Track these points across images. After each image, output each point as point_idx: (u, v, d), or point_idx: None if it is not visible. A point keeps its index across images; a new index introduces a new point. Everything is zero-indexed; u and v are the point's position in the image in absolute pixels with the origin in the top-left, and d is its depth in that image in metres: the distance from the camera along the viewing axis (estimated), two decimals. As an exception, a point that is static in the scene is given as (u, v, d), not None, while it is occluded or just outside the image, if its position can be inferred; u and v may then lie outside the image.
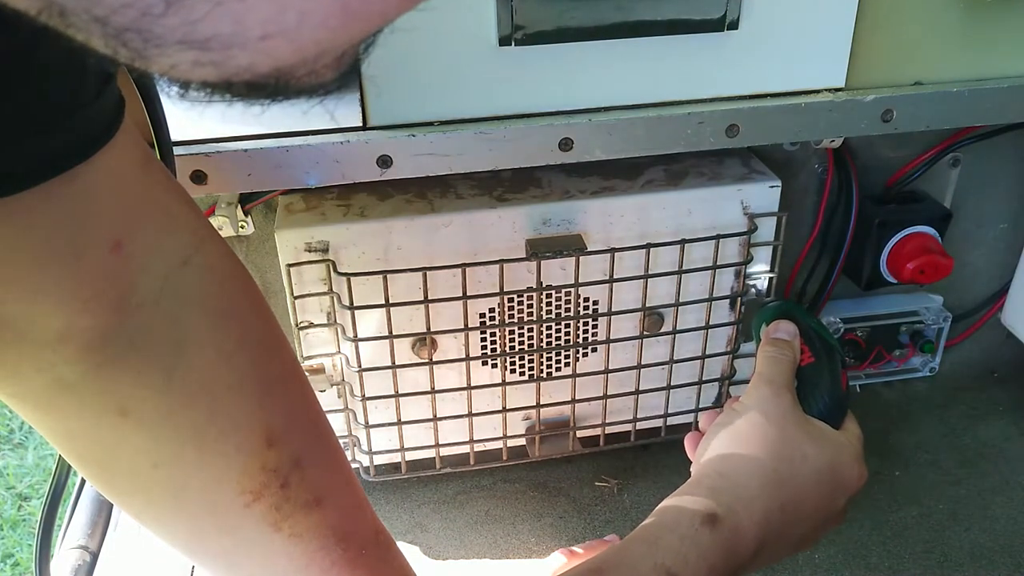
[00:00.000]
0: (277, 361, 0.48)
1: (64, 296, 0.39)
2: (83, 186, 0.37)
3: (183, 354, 0.44)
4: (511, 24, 0.57)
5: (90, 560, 0.72)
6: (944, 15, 0.63)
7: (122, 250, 0.40)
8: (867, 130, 0.65)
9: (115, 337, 0.42)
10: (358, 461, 0.78)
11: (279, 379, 0.48)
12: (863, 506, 0.77)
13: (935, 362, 0.90)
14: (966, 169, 0.83)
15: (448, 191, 0.71)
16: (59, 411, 0.43)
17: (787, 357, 0.58)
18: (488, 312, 0.72)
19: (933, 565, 0.72)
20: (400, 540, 0.75)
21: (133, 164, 0.41)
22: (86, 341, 0.41)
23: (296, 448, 0.47)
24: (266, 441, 0.46)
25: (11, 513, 1.68)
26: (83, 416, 0.43)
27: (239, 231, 0.73)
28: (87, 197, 0.38)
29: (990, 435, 0.86)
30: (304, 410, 0.49)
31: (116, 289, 0.41)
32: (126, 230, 0.40)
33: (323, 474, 0.49)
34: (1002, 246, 0.88)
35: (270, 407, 0.47)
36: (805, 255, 0.84)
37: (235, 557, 0.49)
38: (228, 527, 0.47)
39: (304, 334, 0.71)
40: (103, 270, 0.40)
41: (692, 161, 0.74)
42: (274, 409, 0.47)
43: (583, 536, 0.75)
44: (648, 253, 0.70)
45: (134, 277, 0.41)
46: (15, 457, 1.79)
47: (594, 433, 0.80)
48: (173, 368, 0.43)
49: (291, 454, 0.47)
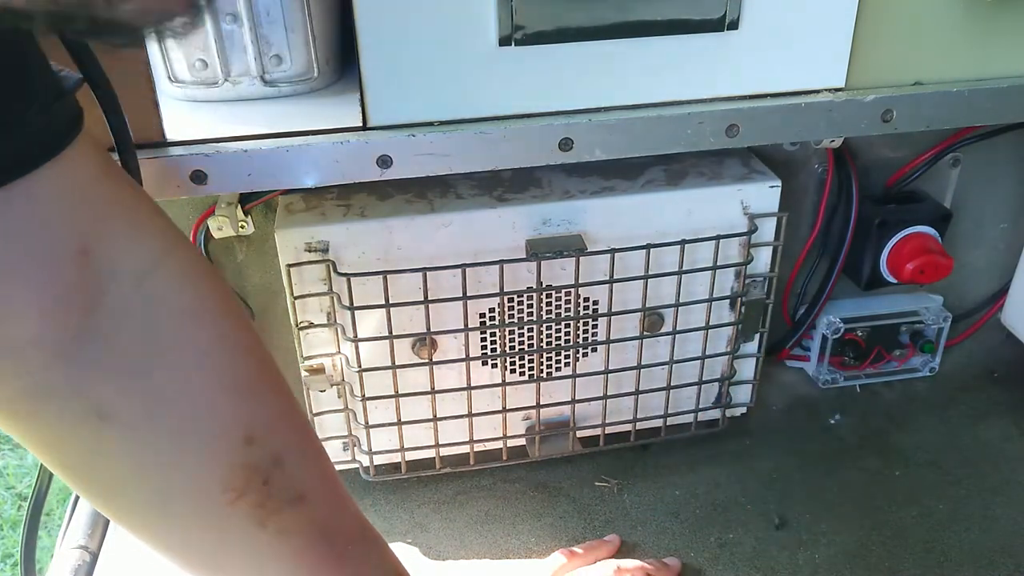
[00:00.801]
0: (253, 360, 0.49)
1: (32, 303, 0.40)
2: (41, 195, 0.38)
3: (159, 355, 0.44)
4: (511, 24, 0.57)
5: (90, 560, 0.72)
6: (944, 15, 0.63)
7: (89, 256, 0.41)
8: (867, 130, 0.65)
9: (89, 341, 0.42)
10: (358, 461, 0.78)
11: (256, 378, 0.49)
12: (863, 506, 0.78)
13: (935, 362, 0.90)
14: (966, 169, 0.83)
15: (448, 191, 0.71)
16: (37, 418, 0.43)
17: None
18: (488, 312, 0.72)
19: (933, 565, 0.72)
20: (400, 540, 0.75)
21: (94, 173, 0.42)
22: (60, 346, 0.41)
23: (276, 445, 0.48)
24: (245, 438, 0.47)
25: (11, 513, 1.68)
26: (62, 421, 0.43)
27: (239, 231, 0.73)
28: (46, 206, 0.39)
29: (990, 435, 0.86)
30: (282, 408, 0.50)
31: (86, 294, 0.41)
32: (92, 237, 0.41)
33: (304, 470, 0.49)
34: (1002, 246, 0.88)
35: (248, 405, 0.47)
36: (805, 255, 0.84)
37: (223, 558, 0.49)
38: (214, 526, 0.48)
39: (304, 334, 0.71)
40: (71, 277, 0.40)
41: (692, 161, 0.75)
42: (252, 407, 0.48)
43: (583, 536, 0.75)
44: (648, 253, 0.70)
45: (104, 283, 0.42)
46: (15, 457, 1.80)
47: (594, 433, 0.80)
48: (150, 369, 0.44)
49: (271, 451, 0.48)
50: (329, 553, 0.50)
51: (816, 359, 0.88)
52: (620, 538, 0.74)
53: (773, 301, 0.78)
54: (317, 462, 0.51)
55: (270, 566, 0.49)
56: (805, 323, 0.86)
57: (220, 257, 0.73)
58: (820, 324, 0.86)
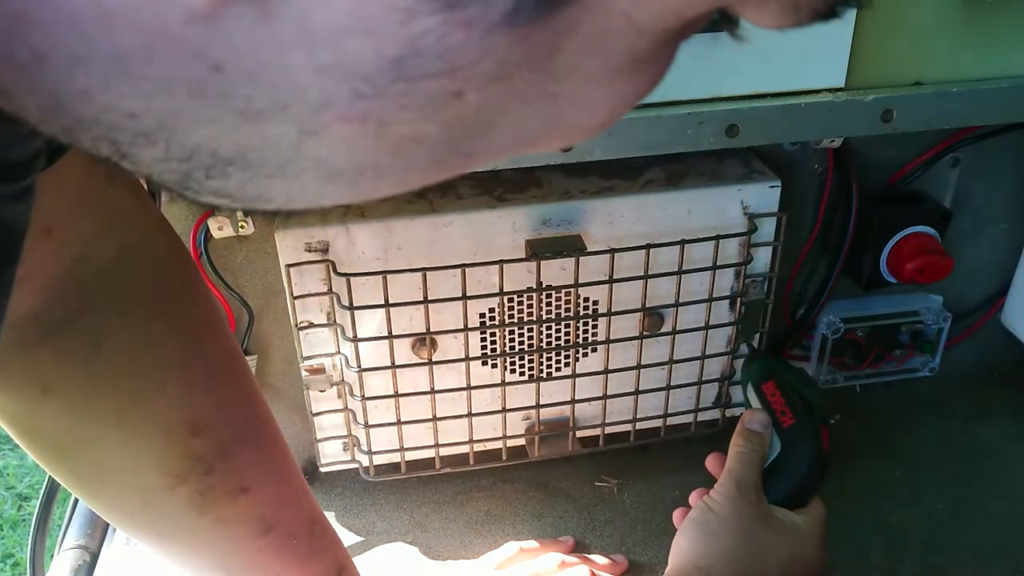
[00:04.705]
0: (210, 354, 0.50)
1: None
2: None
3: (110, 341, 0.45)
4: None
5: (90, 560, 0.72)
6: (944, 15, 0.63)
7: (53, 236, 0.41)
8: (867, 130, 0.65)
9: (43, 318, 0.43)
10: (358, 461, 0.78)
11: (210, 371, 0.49)
12: (863, 506, 0.78)
13: (935, 362, 0.90)
14: (966, 169, 0.83)
15: (448, 191, 0.71)
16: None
17: (756, 453, 0.63)
18: (488, 312, 0.72)
19: (933, 565, 0.72)
20: (400, 540, 0.75)
21: (71, 158, 0.42)
22: (14, 320, 0.41)
23: (224, 438, 0.49)
24: (191, 429, 0.47)
25: (11, 513, 1.68)
26: (7, 389, 0.45)
27: (239, 231, 0.73)
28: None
29: (990, 435, 0.86)
30: (237, 402, 0.51)
31: (46, 273, 0.42)
32: (60, 218, 0.41)
33: (253, 464, 0.50)
34: (1002, 246, 0.88)
35: (197, 398, 0.48)
36: (805, 255, 0.84)
37: (162, 536, 0.51)
38: (154, 506, 0.49)
39: (304, 334, 0.71)
40: (33, 254, 0.40)
41: (692, 161, 0.74)
42: (202, 400, 0.48)
43: (583, 536, 0.75)
44: (648, 253, 0.70)
45: (67, 264, 0.42)
46: (15, 457, 1.80)
47: (594, 433, 0.80)
48: (98, 353, 0.45)
49: (218, 443, 0.49)
50: (269, 544, 0.51)
51: (816, 359, 0.88)
52: (574, 539, 0.75)
53: (773, 301, 0.78)
54: (270, 456, 0.52)
55: (208, 551, 0.51)
56: (805, 323, 0.86)
57: (220, 257, 0.72)
58: (820, 324, 0.86)
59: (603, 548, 0.74)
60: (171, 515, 0.49)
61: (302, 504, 0.54)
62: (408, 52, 0.20)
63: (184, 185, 0.23)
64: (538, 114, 0.23)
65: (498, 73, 0.21)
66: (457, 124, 0.22)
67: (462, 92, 0.21)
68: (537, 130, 0.24)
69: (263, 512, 0.51)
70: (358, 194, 0.24)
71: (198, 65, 0.20)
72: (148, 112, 0.20)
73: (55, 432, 0.46)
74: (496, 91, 0.21)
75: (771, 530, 0.60)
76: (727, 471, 0.63)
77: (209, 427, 0.48)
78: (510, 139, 0.23)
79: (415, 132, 0.21)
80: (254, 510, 0.51)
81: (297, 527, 0.53)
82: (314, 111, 0.20)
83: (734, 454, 0.64)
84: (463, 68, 0.20)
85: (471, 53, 0.20)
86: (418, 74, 0.20)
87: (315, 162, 0.22)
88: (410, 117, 0.21)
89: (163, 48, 0.19)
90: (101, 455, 0.47)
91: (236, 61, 0.20)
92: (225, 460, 0.49)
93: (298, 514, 0.54)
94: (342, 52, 0.20)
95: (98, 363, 0.45)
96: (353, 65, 0.20)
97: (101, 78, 0.20)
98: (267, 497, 0.51)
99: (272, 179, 0.22)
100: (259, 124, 0.21)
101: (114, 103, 0.20)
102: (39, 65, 0.20)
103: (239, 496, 0.50)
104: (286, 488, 0.53)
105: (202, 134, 0.21)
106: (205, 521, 0.49)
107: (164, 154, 0.21)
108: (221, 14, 0.19)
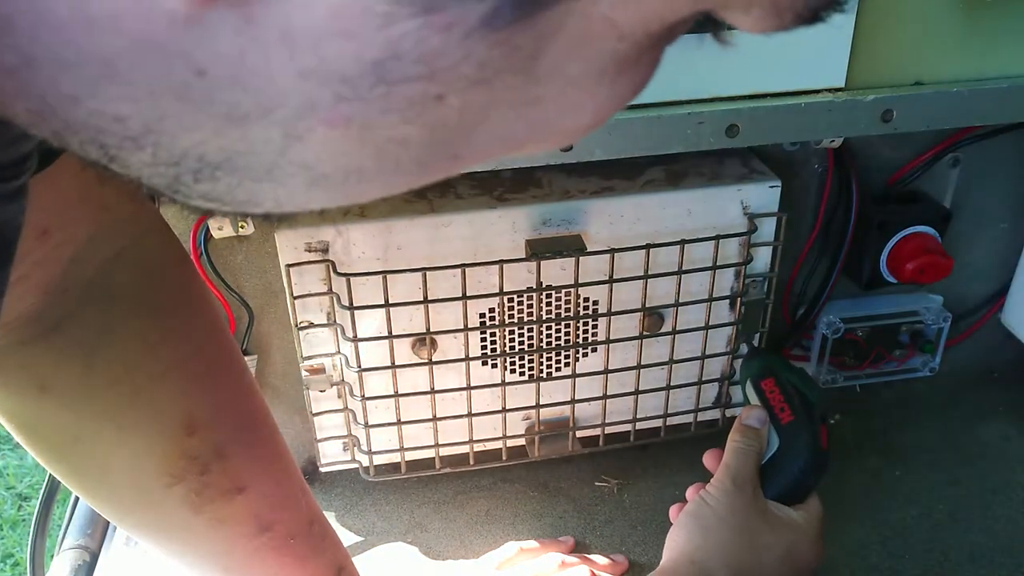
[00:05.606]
0: (207, 354, 0.50)
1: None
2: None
3: (107, 341, 0.45)
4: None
5: (90, 560, 0.72)
6: (944, 15, 0.63)
7: (49, 238, 0.41)
8: (867, 130, 0.65)
9: (40, 318, 0.43)
10: (358, 461, 0.78)
11: (207, 372, 0.50)
12: (863, 506, 0.78)
13: (935, 362, 0.90)
14: (966, 169, 0.83)
15: (448, 191, 0.71)
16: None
17: (753, 449, 0.64)
18: (488, 312, 0.72)
19: (933, 565, 0.72)
20: (400, 540, 0.75)
21: (66, 161, 0.42)
22: (11, 320, 0.42)
23: (220, 438, 0.49)
24: (187, 429, 0.48)
25: (11, 513, 1.68)
26: (5, 387, 0.45)
27: (239, 231, 0.73)
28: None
29: (990, 435, 0.86)
30: (234, 402, 0.51)
31: (43, 274, 0.42)
32: (55, 220, 0.41)
33: (249, 464, 0.51)
34: (1002, 246, 0.88)
35: (194, 398, 0.49)
36: (805, 255, 0.84)
37: (160, 534, 0.52)
38: (151, 504, 0.50)
39: (304, 334, 0.71)
40: (29, 256, 0.41)
41: (692, 161, 0.74)
42: (198, 400, 0.49)
43: (583, 536, 0.75)
44: (648, 253, 0.70)
45: (63, 265, 0.43)
46: (15, 457, 1.80)
47: (594, 433, 0.80)
48: (94, 353, 0.45)
49: (214, 443, 0.49)
50: (267, 544, 0.52)
51: (816, 359, 0.88)
52: (575, 539, 0.75)
53: (773, 301, 0.78)
54: (266, 456, 0.53)
55: (204, 549, 0.51)
56: (805, 323, 0.86)
57: (220, 257, 0.72)
58: (820, 324, 0.85)
59: (603, 548, 0.74)
60: (168, 513, 0.50)
61: (300, 504, 0.54)
62: (388, 56, 0.20)
63: (173, 189, 0.23)
64: (523, 117, 0.23)
65: (479, 76, 0.21)
66: (440, 127, 0.22)
67: (443, 95, 0.21)
68: (522, 133, 0.24)
69: (260, 512, 0.51)
70: (345, 198, 0.24)
71: (182, 70, 0.20)
72: (135, 116, 0.21)
73: (53, 430, 0.47)
74: (478, 94, 0.21)
75: (766, 525, 0.61)
76: (723, 466, 0.63)
77: (205, 427, 0.49)
78: (496, 142, 0.24)
79: (398, 135, 0.22)
80: (251, 510, 0.51)
81: (295, 527, 0.53)
82: (298, 115, 0.21)
83: (731, 449, 0.64)
84: (443, 71, 0.20)
85: (450, 57, 0.20)
86: (398, 77, 0.20)
87: (301, 166, 0.22)
88: (392, 120, 0.21)
89: (147, 53, 0.19)
90: (99, 453, 0.48)
91: (219, 65, 0.20)
92: (221, 460, 0.49)
93: (296, 514, 0.54)
94: (323, 56, 0.20)
95: (95, 362, 0.45)
96: (334, 69, 0.20)
97: (88, 83, 0.20)
98: (264, 497, 0.51)
99: (260, 183, 0.23)
100: (244, 128, 0.21)
101: (101, 107, 0.20)
102: (26, 70, 0.20)
103: (235, 496, 0.50)
104: (284, 488, 0.53)
105: (189, 138, 0.21)
106: (202, 520, 0.50)
107: (152, 158, 0.22)
108: (204, 19, 0.19)
